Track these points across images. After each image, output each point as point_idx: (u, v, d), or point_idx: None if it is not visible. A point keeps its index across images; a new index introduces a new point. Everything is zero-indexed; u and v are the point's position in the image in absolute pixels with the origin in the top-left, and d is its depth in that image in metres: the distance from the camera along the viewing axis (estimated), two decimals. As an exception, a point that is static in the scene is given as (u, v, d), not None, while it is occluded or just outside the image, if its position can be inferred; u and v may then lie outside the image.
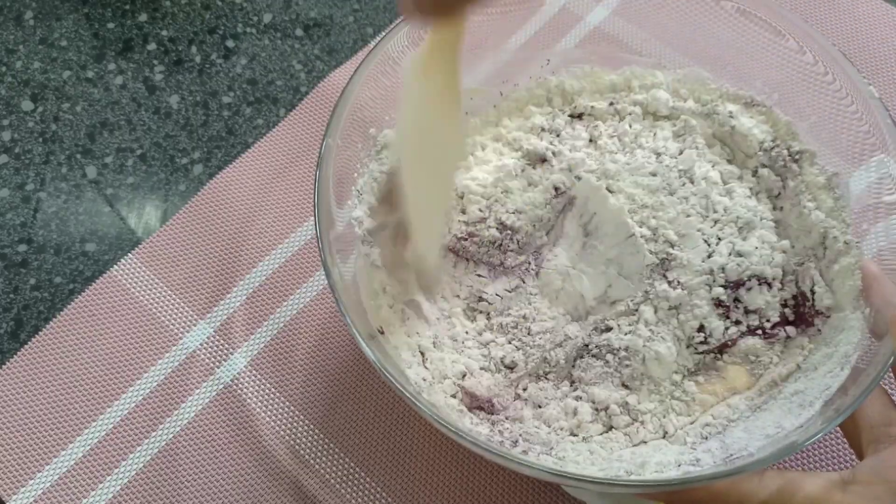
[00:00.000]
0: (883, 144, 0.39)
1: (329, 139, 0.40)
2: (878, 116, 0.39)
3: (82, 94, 0.57)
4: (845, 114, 0.41)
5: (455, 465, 0.45)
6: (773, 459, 0.31)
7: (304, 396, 0.47)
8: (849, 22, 0.57)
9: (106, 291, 0.49)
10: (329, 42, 0.59)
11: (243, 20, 0.60)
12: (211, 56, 0.59)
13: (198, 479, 0.45)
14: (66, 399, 0.46)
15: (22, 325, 0.49)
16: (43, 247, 0.52)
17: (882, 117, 0.39)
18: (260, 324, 0.49)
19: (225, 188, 0.53)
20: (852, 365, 0.35)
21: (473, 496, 0.44)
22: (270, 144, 0.54)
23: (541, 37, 0.52)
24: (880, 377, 0.33)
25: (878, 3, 0.58)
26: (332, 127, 0.40)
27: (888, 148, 0.38)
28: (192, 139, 0.56)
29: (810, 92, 0.43)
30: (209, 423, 0.46)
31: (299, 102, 0.56)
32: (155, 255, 0.51)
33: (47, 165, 0.55)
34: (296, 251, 0.51)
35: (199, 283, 0.50)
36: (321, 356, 0.48)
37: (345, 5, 0.61)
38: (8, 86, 0.58)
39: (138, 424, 0.46)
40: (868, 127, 0.40)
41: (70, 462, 0.45)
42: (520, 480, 0.44)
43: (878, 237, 0.39)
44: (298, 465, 0.45)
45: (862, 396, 0.32)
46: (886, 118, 0.39)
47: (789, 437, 0.33)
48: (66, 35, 0.60)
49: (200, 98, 0.57)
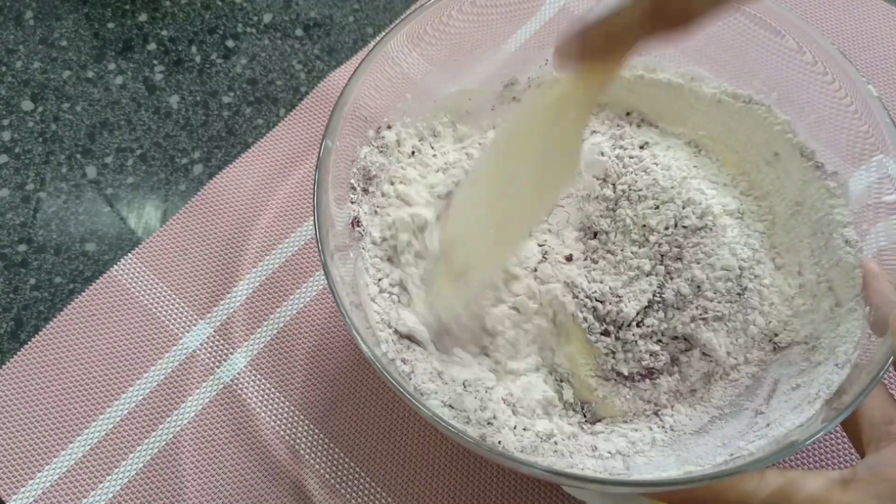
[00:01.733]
0: (882, 144, 0.39)
1: (328, 140, 0.40)
2: (877, 116, 0.39)
3: (82, 94, 0.57)
4: (845, 113, 0.41)
5: (455, 466, 0.45)
6: (773, 459, 0.31)
7: (304, 396, 0.47)
8: (849, 22, 0.57)
9: (106, 291, 0.49)
10: (329, 42, 0.59)
11: (243, 20, 0.60)
12: (211, 56, 0.59)
13: (198, 479, 0.45)
14: (66, 399, 0.46)
15: (22, 325, 0.49)
16: (43, 247, 0.52)
17: (881, 117, 0.39)
18: (260, 324, 0.49)
19: (225, 188, 0.53)
20: (853, 363, 0.35)
21: (473, 496, 0.44)
22: (270, 144, 0.55)
23: (541, 37, 0.52)
24: (881, 375, 0.33)
25: (878, 3, 0.58)
26: (330, 128, 0.40)
27: (888, 148, 0.38)
28: (192, 139, 0.56)
29: (810, 91, 0.43)
30: (209, 423, 0.46)
31: (299, 102, 0.56)
32: (155, 255, 0.51)
33: (47, 165, 0.55)
34: (296, 251, 0.51)
35: (199, 283, 0.50)
36: (321, 356, 0.48)
37: (345, 5, 0.61)
38: (8, 86, 0.58)
39: (138, 424, 0.46)
40: (867, 127, 0.40)
41: (70, 462, 0.45)
42: (520, 481, 0.44)
43: (879, 237, 0.39)
44: (298, 464, 0.45)
45: (862, 395, 0.32)
46: (885, 118, 0.39)
47: (789, 436, 0.33)
48: (66, 35, 0.60)
49: (200, 98, 0.57)
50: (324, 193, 0.39)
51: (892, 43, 0.56)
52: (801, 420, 0.34)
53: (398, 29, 0.42)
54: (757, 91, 0.45)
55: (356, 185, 0.43)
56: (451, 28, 0.45)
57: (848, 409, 0.32)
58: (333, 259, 0.38)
